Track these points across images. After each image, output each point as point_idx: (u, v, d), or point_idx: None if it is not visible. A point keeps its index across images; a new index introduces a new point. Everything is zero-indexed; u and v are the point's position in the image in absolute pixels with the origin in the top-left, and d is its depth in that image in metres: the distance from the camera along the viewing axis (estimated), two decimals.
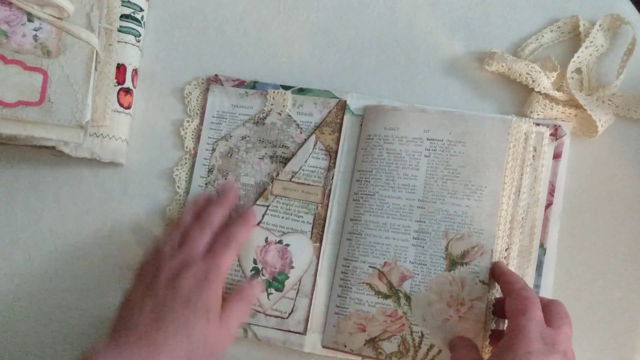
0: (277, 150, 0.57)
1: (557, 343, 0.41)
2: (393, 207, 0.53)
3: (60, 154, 0.56)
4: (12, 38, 0.51)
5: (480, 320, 0.49)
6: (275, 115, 0.57)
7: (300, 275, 0.55)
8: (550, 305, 0.45)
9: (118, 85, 0.57)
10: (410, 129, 0.54)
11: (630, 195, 0.54)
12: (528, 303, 0.44)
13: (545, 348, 0.40)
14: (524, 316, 0.43)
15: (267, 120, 0.57)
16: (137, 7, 0.59)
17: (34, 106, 0.51)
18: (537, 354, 0.40)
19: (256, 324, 0.54)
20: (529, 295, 0.44)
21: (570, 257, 0.54)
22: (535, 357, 0.40)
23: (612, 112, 0.54)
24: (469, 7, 0.59)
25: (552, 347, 0.41)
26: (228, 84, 0.59)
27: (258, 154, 0.57)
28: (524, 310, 0.43)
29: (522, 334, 0.41)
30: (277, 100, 0.57)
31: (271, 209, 0.56)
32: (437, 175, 0.52)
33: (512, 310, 0.44)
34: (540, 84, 0.54)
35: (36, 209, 0.59)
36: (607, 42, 0.56)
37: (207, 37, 0.61)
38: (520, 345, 0.41)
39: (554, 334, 0.42)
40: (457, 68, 0.58)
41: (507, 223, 0.51)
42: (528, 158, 0.52)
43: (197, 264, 0.48)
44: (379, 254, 0.52)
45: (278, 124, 0.57)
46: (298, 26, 0.60)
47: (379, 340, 0.51)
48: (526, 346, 0.40)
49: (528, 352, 0.40)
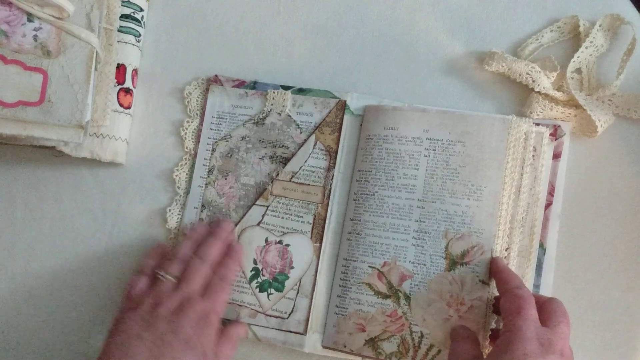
0: (277, 150, 0.57)
1: (553, 343, 0.41)
2: (393, 206, 0.53)
3: (60, 154, 0.56)
4: (12, 38, 0.51)
5: (480, 320, 0.49)
6: (275, 115, 0.57)
7: (300, 276, 0.55)
8: (547, 303, 0.45)
9: (118, 85, 0.57)
10: (409, 129, 0.54)
11: (630, 195, 0.54)
12: (522, 302, 0.43)
13: (541, 349, 0.40)
14: (519, 316, 0.43)
15: (267, 120, 0.57)
16: (137, 7, 0.59)
17: (34, 106, 0.51)
18: (534, 354, 0.40)
19: (256, 324, 0.54)
20: (524, 294, 0.44)
21: (570, 257, 0.54)
22: (532, 358, 0.40)
23: (612, 112, 0.54)
24: (469, 7, 0.59)
25: (549, 347, 0.41)
26: (228, 84, 0.59)
27: (258, 154, 0.57)
28: (518, 310, 0.43)
29: (518, 335, 0.41)
30: (277, 100, 0.57)
31: (271, 209, 0.56)
32: (437, 175, 0.52)
33: (506, 309, 0.44)
34: (540, 84, 0.54)
35: (36, 209, 0.59)
36: (607, 42, 0.56)
37: (207, 37, 0.61)
38: (516, 346, 0.41)
39: (550, 334, 0.42)
40: (457, 68, 0.58)
41: (507, 223, 0.51)
42: (528, 158, 0.52)
43: (198, 303, 0.48)
44: (379, 253, 0.52)
45: (278, 124, 0.57)
46: (298, 26, 0.60)
47: (379, 341, 0.51)
48: (522, 347, 0.40)
49: (524, 354, 0.40)
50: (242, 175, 0.57)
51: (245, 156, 0.57)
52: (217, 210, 0.57)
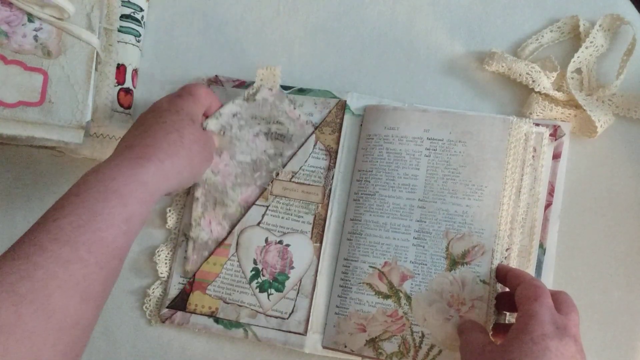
0: (271, 126, 0.57)
1: (568, 327, 0.42)
2: (393, 206, 0.53)
3: (61, 154, 0.56)
4: (12, 38, 0.51)
5: (481, 319, 0.49)
6: (266, 91, 0.57)
7: (300, 276, 0.55)
8: (557, 294, 0.46)
9: (118, 86, 0.57)
10: (410, 129, 0.54)
11: (630, 195, 0.54)
12: (540, 291, 0.44)
13: (558, 332, 0.41)
14: (536, 302, 0.43)
15: (258, 96, 0.57)
16: (137, 7, 0.59)
17: (35, 106, 0.51)
18: (551, 336, 0.41)
19: (256, 325, 0.54)
20: (540, 284, 0.45)
21: (569, 257, 0.54)
22: (550, 339, 0.41)
23: (612, 112, 0.54)
24: (469, 7, 0.59)
25: (564, 330, 0.42)
26: (228, 84, 0.59)
27: (252, 131, 0.57)
28: (535, 297, 0.44)
29: (536, 318, 0.42)
30: (267, 76, 0.57)
31: (271, 209, 0.56)
32: (438, 175, 0.52)
33: (523, 297, 0.45)
34: (540, 84, 0.54)
35: (36, 209, 0.59)
36: (607, 42, 0.56)
37: (207, 37, 0.61)
38: (534, 328, 0.42)
39: (565, 320, 0.43)
40: (457, 68, 0.58)
41: (508, 223, 0.51)
42: (528, 158, 0.52)
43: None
44: (379, 253, 0.52)
45: (270, 99, 0.57)
46: (298, 26, 0.60)
47: (380, 341, 0.51)
48: (540, 329, 0.41)
49: (543, 334, 0.41)
50: (237, 153, 0.56)
51: (239, 133, 0.56)
52: (214, 189, 0.56)
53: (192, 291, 0.55)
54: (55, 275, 0.37)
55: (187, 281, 0.56)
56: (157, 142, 0.46)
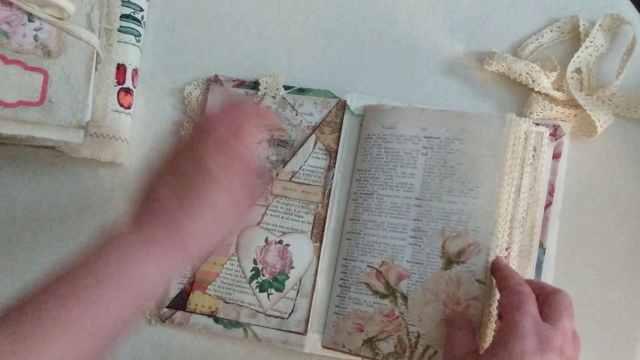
0: (274, 134, 0.57)
1: (552, 339, 0.40)
2: (391, 205, 0.53)
3: (61, 154, 0.56)
4: (12, 38, 0.51)
5: (476, 320, 0.49)
6: (270, 98, 0.57)
7: (300, 275, 0.55)
8: (551, 295, 0.44)
9: (118, 85, 0.57)
10: (407, 128, 0.54)
11: (630, 195, 0.54)
12: (523, 298, 0.42)
13: (540, 346, 0.40)
14: (518, 311, 0.42)
15: (262, 104, 0.57)
16: (137, 7, 0.59)
17: (35, 106, 0.51)
18: (531, 353, 0.39)
19: (256, 324, 0.54)
20: (524, 290, 0.43)
21: (569, 257, 0.54)
22: (529, 356, 0.39)
23: (612, 112, 0.54)
24: (469, 7, 0.59)
25: (548, 344, 0.40)
26: (228, 84, 0.59)
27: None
28: (518, 305, 0.42)
29: (517, 330, 0.41)
30: (270, 84, 0.57)
31: (271, 209, 0.56)
32: (434, 173, 0.52)
33: (506, 305, 0.43)
34: (540, 83, 0.54)
35: (36, 209, 0.59)
36: (607, 42, 0.56)
37: (207, 37, 0.61)
38: (514, 342, 0.40)
39: (550, 330, 0.41)
40: (457, 68, 0.58)
41: (507, 223, 0.51)
42: (528, 158, 0.52)
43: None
44: (377, 253, 0.52)
45: (273, 107, 0.57)
46: (298, 26, 0.60)
47: (377, 341, 0.51)
48: (521, 344, 0.40)
49: (522, 351, 0.39)
50: None
51: None
52: None
53: (192, 291, 0.55)
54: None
55: (187, 281, 0.56)
56: (189, 209, 0.42)
